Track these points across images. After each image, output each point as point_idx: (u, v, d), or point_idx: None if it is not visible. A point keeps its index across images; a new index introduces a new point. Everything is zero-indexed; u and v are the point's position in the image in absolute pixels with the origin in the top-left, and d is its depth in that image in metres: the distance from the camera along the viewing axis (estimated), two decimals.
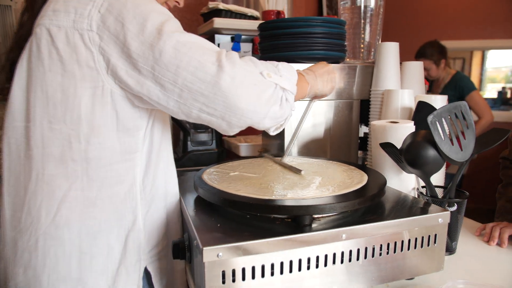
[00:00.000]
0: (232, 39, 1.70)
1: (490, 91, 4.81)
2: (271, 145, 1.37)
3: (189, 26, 2.29)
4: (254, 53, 1.74)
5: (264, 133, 1.40)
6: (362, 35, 1.30)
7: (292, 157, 1.10)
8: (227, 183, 0.81)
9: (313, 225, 0.68)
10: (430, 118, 0.76)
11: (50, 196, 0.69)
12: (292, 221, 0.70)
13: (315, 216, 0.70)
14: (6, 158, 0.72)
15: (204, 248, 0.58)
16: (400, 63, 1.20)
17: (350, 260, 0.68)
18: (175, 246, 0.74)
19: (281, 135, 1.22)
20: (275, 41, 1.18)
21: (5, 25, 1.95)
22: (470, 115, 0.79)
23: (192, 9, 2.27)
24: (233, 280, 0.61)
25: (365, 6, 1.26)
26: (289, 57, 1.17)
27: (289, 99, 0.74)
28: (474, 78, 4.62)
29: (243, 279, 0.62)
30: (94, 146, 0.69)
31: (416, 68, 1.18)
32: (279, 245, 0.62)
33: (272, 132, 0.83)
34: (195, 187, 0.82)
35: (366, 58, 1.31)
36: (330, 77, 0.93)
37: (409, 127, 0.94)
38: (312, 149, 1.25)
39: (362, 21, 1.27)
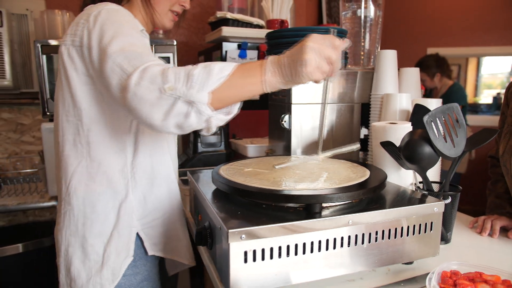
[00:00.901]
0: (239, 46, 1.79)
1: (486, 97, 4.92)
2: (277, 146, 1.45)
3: (195, 34, 2.38)
4: (260, 60, 1.83)
5: (271, 135, 1.49)
6: (362, 43, 1.39)
7: (300, 156, 1.18)
8: (244, 177, 0.89)
9: (322, 213, 0.77)
10: (425, 118, 0.85)
11: (65, 171, 0.92)
12: (304, 209, 0.78)
13: (324, 204, 0.79)
14: (54, 146, 0.99)
15: (230, 231, 0.66)
16: (398, 69, 1.29)
17: (356, 244, 0.77)
18: (198, 234, 0.82)
19: (286, 136, 1.31)
20: (282, 49, 1.26)
21: (21, 33, 2.04)
22: (462, 116, 0.87)
23: (198, 18, 2.37)
24: (254, 260, 0.69)
25: (365, 16, 1.35)
26: None
27: (200, 110, 0.72)
28: (470, 84, 4.73)
29: (262, 259, 0.70)
30: (93, 132, 0.91)
31: (413, 74, 1.27)
32: (293, 229, 0.71)
33: (203, 133, 0.83)
34: (214, 181, 0.90)
35: (366, 65, 1.40)
36: (315, 51, 0.72)
37: (407, 127, 1.03)
38: (314, 149, 1.33)
39: (362, 30, 1.37)
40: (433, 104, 1.13)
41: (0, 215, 2.07)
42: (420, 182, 0.99)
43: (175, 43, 1.80)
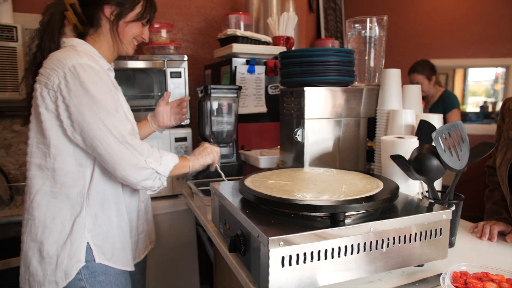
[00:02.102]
0: (247, 62, 1.88)
1: (472, 104, 5.11)
2: (288, 158, 1.55)
3: (201, 47, 2.47)
4: (267, 74, 1.93)
5: (282, 148, 1.58)
6: (367, 61, 1.50)
7: (314, 168, 1.28)
8: (270, 189, 0.98)
9: (346, 221, 0.86)
10: (434, 135, 0.95)
11: (30, 188, 1.11)
12: (329, 218, 0.87)
13: (347, 213, 0.88)
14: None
15: (270, 238, 0.75)
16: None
17: (376, 248, 0.86)
18: (232, 242, 0.91)
19: (299, 149, 1.40)
20: (296, 68, 1.37)
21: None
22: (465, 132, 0.98)
23: (204, 32, 2.46)
24: (290, 264, 0.78)
25: (370, 37, 1.46)
26: (307, 82, 1.36)
27: (161, 179, 1.13)
28: (457, 93, 4.92)
29: (297, 263, 0.79)
30: (58, 161, 1.08)
31: (415, 90, 1.38)
32: (323, 236, 0.80)
33: (149, 192, 1.20)
34: (244, 193, 0.99)
35: (371, 81, 1.50)
36: (207, 151, 1.30)
37: (414, 141, 1.13)
38: (323, 160, 1.43)
39: (367, 49, 1.48)
40: (435, 119, 1.24)
41: (11, 225, 2.11)
42: (426, 191, 1.09)
43: (186, 58, 1.89)
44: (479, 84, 5.54)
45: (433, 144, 1.00)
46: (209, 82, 2.25)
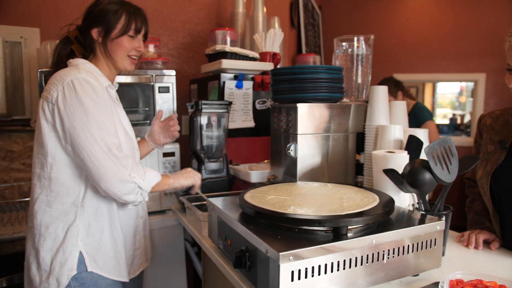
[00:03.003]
0: (235, 77, 1.91)
1: (439, 116, 5.37)
2: (279, 172, 1.58)
3: (186, 62, 2.49)
4: (254, 90, 1.96)
5: (273, 162, 1.61)
6: (354, 78, 1.56)
7: (308, 182, 1.31)
8: (271, 205, 1.00)
9: (348, 234, 0.89)
10: (426, 150, 1.01)
11: (32, 197, 1.17)
12: (332, 231, 0.90)
13: (349, 227, 0.91)
14: None
15: (281, 254, 0.77)
16: None
17: (378, 260, 0.89)
18: (238, 259, 0.92)
19: (292, 164, 1.44)
20: (287, 85, 1.41)
21: (13, 60, 2.06)
22: (454, 147, 1.04)
23: (188, 47, 2.48)
24: (299, 278, 0.80)
25: (357, 54, 1.53)
26: (299, 98, 1.40)
27: (143, 194, 1.16)
28: (427, 106, 5.15)
29: (305, 277, 0.81)
30: (54, 170, 1.14)
31: (401, 106, 1.45)
32: (330, 250, 0.82)
33: (130, 206, 1.25)
34: (245, 209, 1.01)
35: (359, 97, 1.57)
36: (189, 174, 1.34)
37: (405, 156, 1.19)
38: (313, 174, 1.47)
39: (355, 66, 1.54)
40: (421, 134, 1.31)
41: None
42: (417, 203, 1.14)
43: (174, 73, 1.90)
44: (444, 96, 5.84)
45: (425, 158, 1.05)
46: (195, 96, 2.26)
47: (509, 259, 1.16)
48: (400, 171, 1.13)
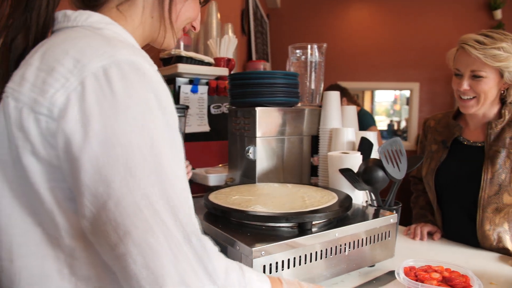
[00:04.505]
0: (190, 81, 1.92)
1: (377, 122, 5.76)
2: (237, 175, 1.60)
3: None
4: (209, 94, 1.98)
5: (231, 165, 1.63)
6: (308, 84, 1.64)
7: (269, 183, 1.35)
8: (238, 204, 1.02)
9: (313, 229, 0.94)
10: (379, 150, 1.10)
11: None
12: (297, 227, 0.94)
13: (314, 222, 0.96)
14: None
15: (253, 249, 0.80)
16: None
17: (340, 252, 0.95)
18: None
19: (251, 166, 1.47)
20: (245, 89, 1.45)
21: None
22: (403, 147, 1.14)
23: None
24: (270, 272, 0.83)
25: (311, 62, 1.61)
26: (257, 102, 1.44)
27: None
28: None
29: (276, 271, 0.84)
30: None
31: (352, 110, 1.55)
32: (297, 244, 0.87)
33: None
34: (214, 209, 1.02)
35: (312, 102, 1.64)
36: None
37: (358, 156, 1.27)
38: (270, 175, 1.51)
39: (308, 72, 1.62)
40: (371, 136, 1.41)
41: None
42: (372, 200, 1.23)
43: None
44: (380, 104, 6.28)
45: (378, 157, 1.14)
46: None
47: (449, 247, 1.29)
48: (355, 170, 1.21)
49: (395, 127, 5.27)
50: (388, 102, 6.24)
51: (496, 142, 1.23)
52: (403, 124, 5.23)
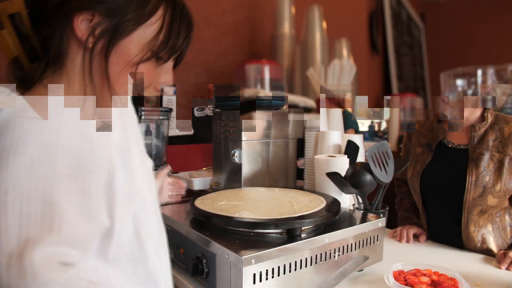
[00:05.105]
0: (174, 84, 1.88)
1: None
2: (221, 179, 1.58)
3: None
4: (193, 97, 1.95)
5: (216, 169, 1.60)
6: None
7: (255, 188, 1.33)
8: (225, 210, 1.00)
9: (302, 235, 0.93)
10: (367, 153, 1.09)
11: None
12: (286, 233, 0.93)
13: (303, 228, 0.95)
14: None
15: (243, 257, 0.77)
16: None
17: (330, 258, 0.94)
18: (194, 266, 0.91)
19: (236, 170, 1.45)
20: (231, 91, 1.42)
21: None
22: (390, 151, 1.14)
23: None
24: (260, 280, 0.81)
25: None
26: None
27: None
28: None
29: (266, 279, 0.82)
30: None
31: (338, 114, 1.55)
32: (287, 251, 0.85)
33: None
34: (199, 216, 0.99)
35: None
36: None
37: (345, 159, 1.27)
38: (255, 179, 1.49)
39: None
40: (357, 138, 1.41)
41: None
42: (359, 203, 1.23)
43: None
44: (360, 105, 6.35)
45: (365, 161, 1.14)
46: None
47: (435, 249, 1.30)
48: (342, 173, 1.20)
49: (376, 128, 5.35)
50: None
51: (479, 144, 1.25)
52: (383, 126, 5.31)
